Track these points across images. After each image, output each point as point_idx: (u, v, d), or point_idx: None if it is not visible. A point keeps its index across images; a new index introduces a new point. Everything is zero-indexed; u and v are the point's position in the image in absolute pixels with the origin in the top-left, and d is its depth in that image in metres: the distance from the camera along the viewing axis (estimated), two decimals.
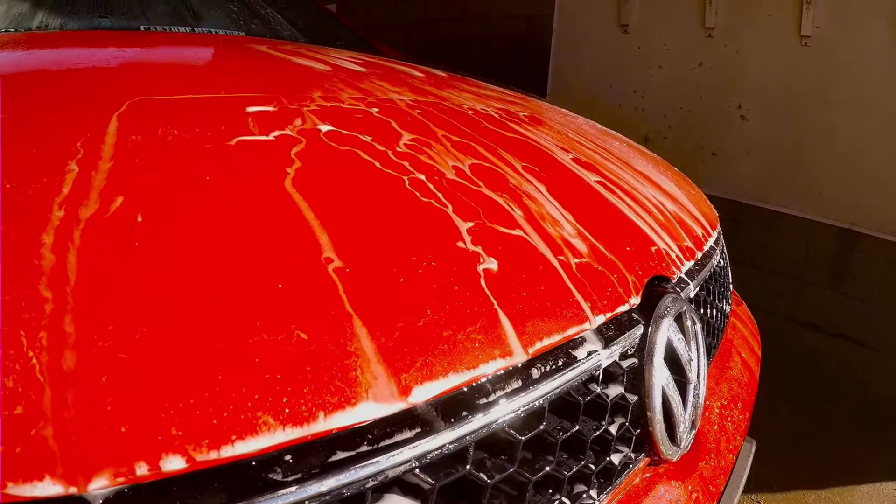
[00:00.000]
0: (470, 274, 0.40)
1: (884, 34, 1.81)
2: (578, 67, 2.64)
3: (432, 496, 0.33)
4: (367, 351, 0.32)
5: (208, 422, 0.27)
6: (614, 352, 0.46)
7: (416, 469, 0.33)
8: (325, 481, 0.29)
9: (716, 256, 0.77)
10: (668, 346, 0.52)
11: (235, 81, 0.67)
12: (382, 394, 0.31)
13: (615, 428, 0.48)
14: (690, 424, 0.54)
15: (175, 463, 0.26)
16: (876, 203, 1.90)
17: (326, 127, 0.54)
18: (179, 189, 0.39)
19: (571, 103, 1.25)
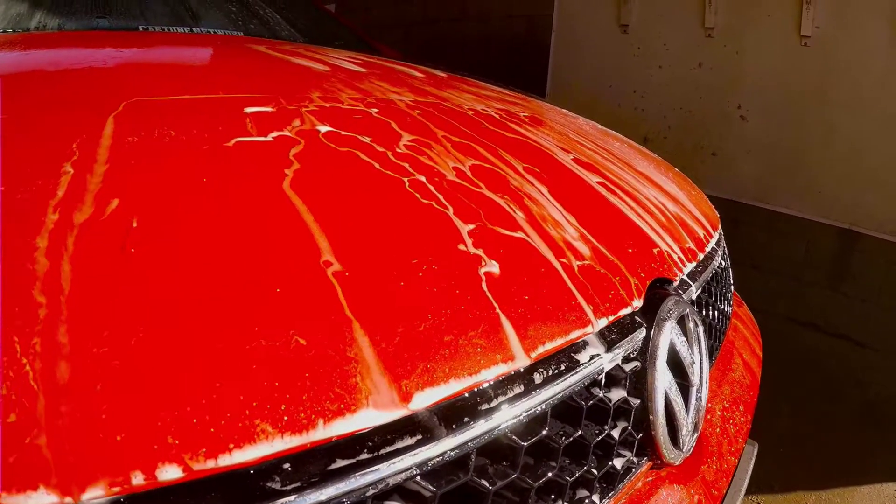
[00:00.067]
0: (471, 277, 0.39)
1: (884, 34, 1.81)
2: (578, 68, 2.63)
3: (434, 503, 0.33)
4: (367, 357, 0.31)
5: (205, 430, 0.27)
6: (617, 355, 0.46)
7: (418, 476, 0.32)
8: (325, 490, 0.29)
9: (717, 258, 0.76)
10: (671, 349, 0.51)
11: (233, 82, 0.66)
12: (383, 400, 0.30)
13: (617, 432, 0.47)
14: (693, 428, 0.54)
15: (171, 472, 0.26)
16: (876, 203, 1.89)
17: (325, 128, 0.53)
18: (176, 192, 0.38)
19: (571, 103, 1.24)
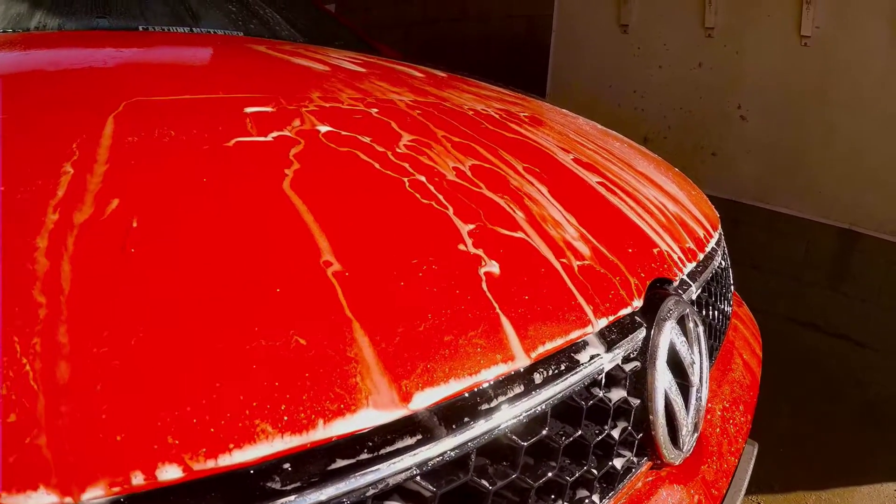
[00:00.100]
0: (471, 277, 0.39)
1: (884, 34, 1.81)
2: (578, 67, 2.63)
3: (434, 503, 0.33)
4: (367, 357, 0.31)
5: (205, 430, 0.27)
6: (617, 355, 0.46)
7: (418, 476, 0.32)
8: (325, 490, 0.29)
9: (717, 258, 0.76)
10: (671, 349, 0.51)
11: (233, 82, 0.66)
12: (383, 400, 0.30)
13: (617, 432, 0.47)
14: (693, 428, 0.54)
15: (171, 472, 0.26)
16: (876, 203, 1.89)
17: (325, 128, 0.53)
18: (175, 192, 0.38)
19: (571, 103, 1.24)
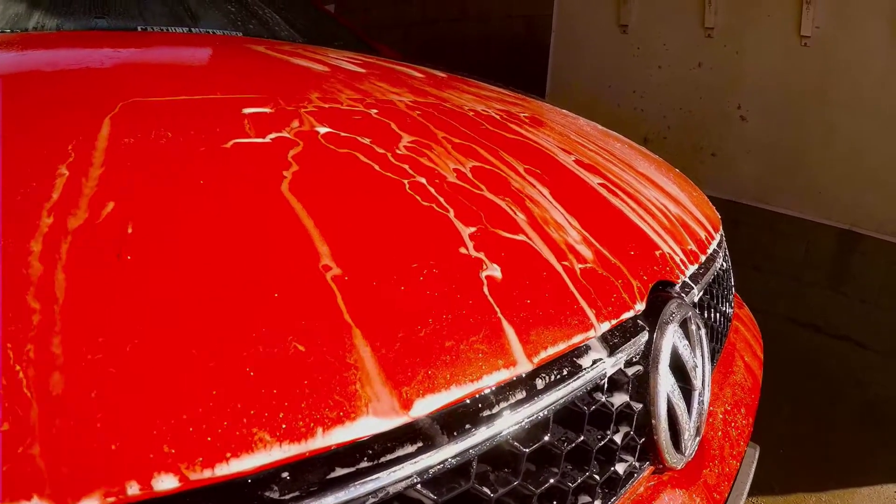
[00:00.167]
0: (472, 281, 0.39)
1: (884, 34, 1.81)
2: (578, 68, 2.63)
3: None
4: (367, 363, 0.31)
5: (202, 439, 0.26)
6: (619, 359, 0.45)
7: (418, 484, 0.32)
8: (324, 499, 0.28)
9: (719, 259, 0.76)
10: (674, 353, 0.51)
11: (232, 82, 0.65)
12: (383, 408, 0.30)
13: (620, 437, 0.47)
14: (695, 432, 0.54)
15: (168, 482, 0.25)
16: (876, 203, 1.89)
17: (324, 129, 0.53)
18: (172, 195, 0.38)
19: (571, 104, 1.24)
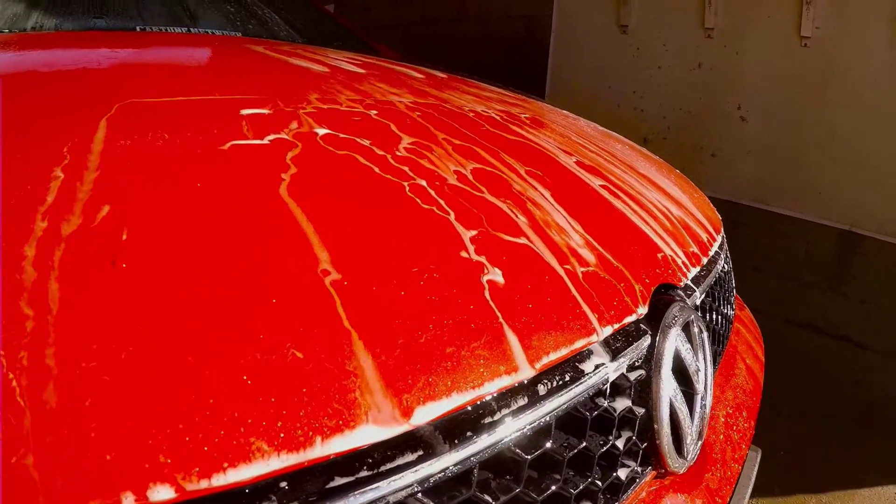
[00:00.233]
0: (474, 285, 0.38)
1: (884, 34, 1.80)
2: (577, 68, 2.62)
3: None
4: (367, 370, 0.30)
5: (198, 448, 0.26)
6: (622, 364, 0.45)
7: (419, 493, 0.31)
8: None
9: (720, 261, 0.75)
10: (676, 356, 0.50)
11: (230, 83, 0.65)
12: (383, 416, 0.29)
13: (622, 442, 0.46)
14: (697, 436, 0.53)
15: (163, 492, 0.25)
16: (876, 204, 1.89)
17: (323, 130, 0.52)
18: (168, 198, 0.37)
19: (570, 104, 1.24)
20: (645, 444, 0.49)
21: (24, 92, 0.51)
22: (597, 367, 0.42)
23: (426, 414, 0.31)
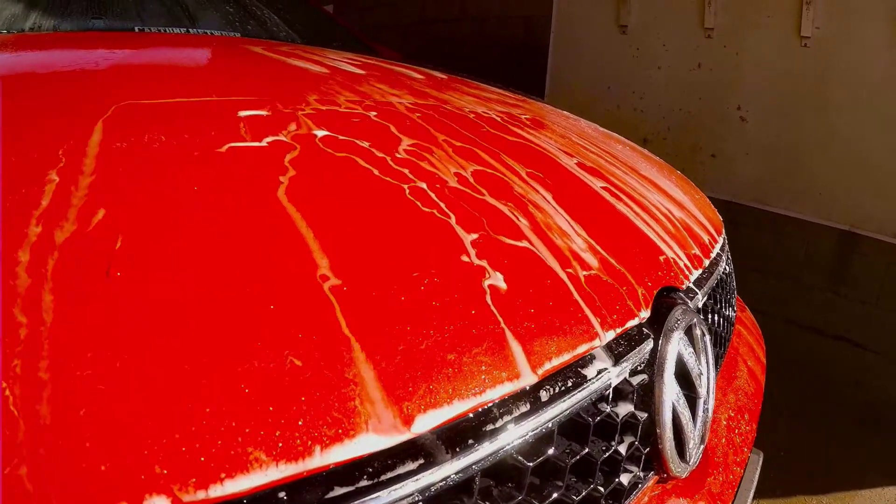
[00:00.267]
0: (475, 290, 0.37)
1: (884, 35, 1.80)
2: (577, 68, 2.62)
3: None
4: (367, 378, 0.30)
5: (195, 459, 0.25)
6: (624, 369, 0.44)
7: (420, 502, 0.30)
8: None
9: (722, 263, 0.75)
10: (678, 360, 0.50)
11: (228, 84, 0.64)
12: (383, 424, 0.29)
13: (624, 447, 0.46)
14: (699, 440, 0.53)
15: None
16: (876, 204, 1.89)
17: (322, 132, 0.51)
18: (164, 202, 0.36)
19: (570, 104, 1.23)
20: (647, 449, 0.48)
21: (21, 93, 0.51)
22: (599, 373, 0.41)
23: (427, 422, 0.30)
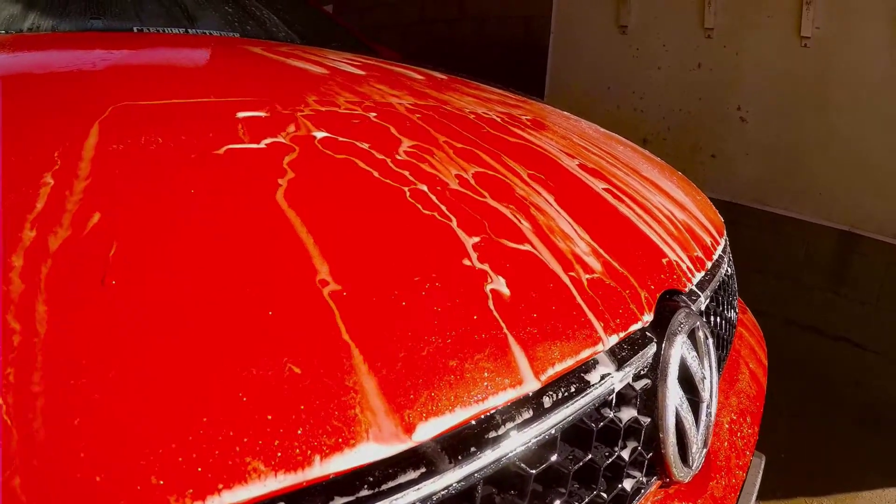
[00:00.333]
0: (477, 295, 0.37)
1: (884, 35, 1.80)
2: (577, 69, 2.62)
3: None
4: (367, 385, 0.29)
5: (192, 469, 0.25)
6: (627, 373, 0.44)
7: None
8: None
9: (724, 265, 0.74)
10: (681, 364, 0.49)
11: (226, 85, 0.64)
12: (384, 433, 0.28)
13: (627, 452, 0.45)
14: (702, 444, 0.52)
15: None
16: (876, 205, 1.88)
17: (322, 133, 0.51)
18: (160, 206, 0.36)
19: (570, 105, 1.23)
20: (650, 454, 0.48)
21: (17, 94, 0.50)
22: (602, 378, 0.41)
23: (429, 430, 0.30)
